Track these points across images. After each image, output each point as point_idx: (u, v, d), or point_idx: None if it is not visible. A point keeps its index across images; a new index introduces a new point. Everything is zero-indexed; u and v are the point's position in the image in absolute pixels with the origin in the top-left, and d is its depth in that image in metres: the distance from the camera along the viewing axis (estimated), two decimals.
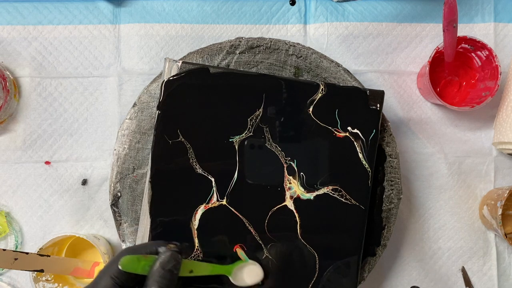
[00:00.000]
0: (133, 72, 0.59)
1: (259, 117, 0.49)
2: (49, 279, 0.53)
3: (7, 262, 0.44)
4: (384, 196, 0.53)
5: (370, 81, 0.60)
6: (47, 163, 0.58)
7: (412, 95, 0.61)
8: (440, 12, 0.60)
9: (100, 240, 0.55)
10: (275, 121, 0.49)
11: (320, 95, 0.50)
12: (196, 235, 0.48)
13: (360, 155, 0.49)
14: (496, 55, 0.55)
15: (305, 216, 0.49)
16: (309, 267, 0.49)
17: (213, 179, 0.49)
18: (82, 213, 0.58)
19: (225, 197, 0.49)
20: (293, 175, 0.49)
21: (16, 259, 0.44)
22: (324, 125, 0.49)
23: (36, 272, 0.51)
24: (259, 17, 0.60)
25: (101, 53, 0.59)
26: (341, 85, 0.51)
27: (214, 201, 0.49)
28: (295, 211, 0.49)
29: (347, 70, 0.54)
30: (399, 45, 0.61)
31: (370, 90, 0.50)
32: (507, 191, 0.54)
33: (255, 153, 0.49)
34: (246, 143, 0.49)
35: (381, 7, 0.61)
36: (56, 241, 0.53)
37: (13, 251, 0.45)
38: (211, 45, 0.54)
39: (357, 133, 0.49)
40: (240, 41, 0.54)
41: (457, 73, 0.60)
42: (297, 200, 0.49)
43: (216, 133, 0.49)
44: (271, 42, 0.54)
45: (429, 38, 0.61)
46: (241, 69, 0.53)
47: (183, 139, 0.49)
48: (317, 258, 0.49)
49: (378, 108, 0.50)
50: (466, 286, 0.59)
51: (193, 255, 0.48)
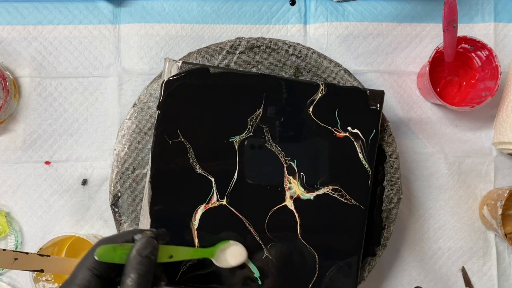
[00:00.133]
0: (133, 72, 0.59)
1: (259, 117, 0.49)
2: (49, 279, 0.53)
3: (7, 262, 0.44)
4: (384, 196, 0.52)
5: (370, 81, 0.60)
6: (47, 163, 0.58)
7: (412, 95, 0.61)
8: (440, 12, 0.60)
9: None
10: (275, 121, 0.49)
11: (320, 95, 0.50)
12: (196, 235, 0.48)
13: (360, 155, 0.49)
14: (496, 55, 0.55)
15: (305, 216, 0.49)
16: (309, 267, 0.49)
17: (213, 179, 0.49)
18: (82, 213, 0.58)
19: (225, 197, 0.49)
20: (293, 175, 0.49)
21: (16, 259, 0.44)
22: (324, 125, 0.49)
23: (36, 272, 0.51)
24: (259, 17, 0.60)
25: (101, 53, 0.59)
26: (341, 85, 0.51)
27: (214, 201, 0.49)
28: (295, 211, 0.49)
29: (347, 70, 0.54)
30: (399, 45, 0.61)
31: (370, 90, 0.50)
32: (507, 191, 0.54)
33: (255, 153, 0.49)
34: (246, 143, 0.49)
35: (381, 7, 0.60)
36: (56, 241, 0.53)
37: (13, 251, 0.44)
38: (211, 45, 0.54)
39: (357, 133, 0.49)
40: (240, 41, 0.54)
41: (457, 73, 0.60)
42: (297, 200, 0.49)
43: (216, 133, 0.49)
44: (271, 42, 0.54)
45: (429, 38, 0.61)
46: (241, 69, 0.53)
47: (183, 139, 0.49)
48: (317, 258, 0.49)
49: (378, 108, 0.50)
50: (466, 286, 0.59)
51: None
